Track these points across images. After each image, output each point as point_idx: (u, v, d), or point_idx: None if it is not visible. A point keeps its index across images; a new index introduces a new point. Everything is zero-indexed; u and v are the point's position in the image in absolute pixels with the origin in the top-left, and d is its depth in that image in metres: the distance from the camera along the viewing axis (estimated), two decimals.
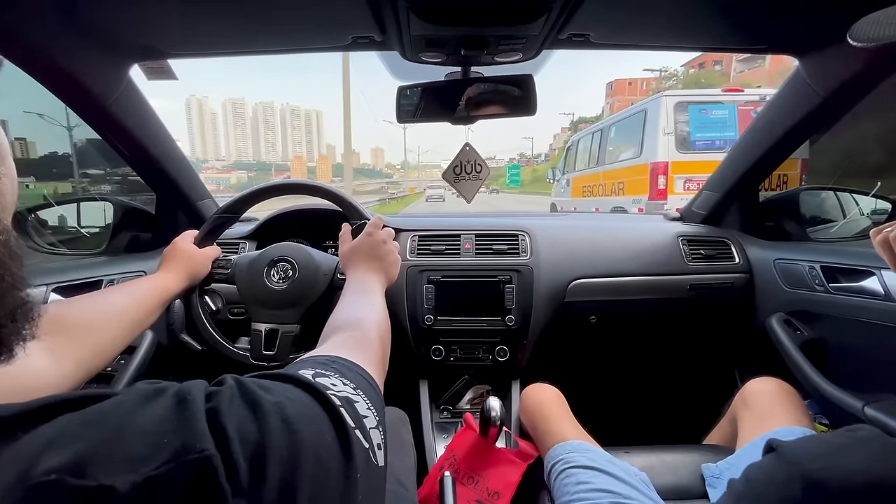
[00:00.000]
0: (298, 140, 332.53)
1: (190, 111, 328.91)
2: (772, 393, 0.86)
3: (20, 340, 0.28)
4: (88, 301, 0.61)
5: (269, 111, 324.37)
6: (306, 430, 0.26)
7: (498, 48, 0.85)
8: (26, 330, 0.28)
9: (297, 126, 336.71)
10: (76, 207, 1.19)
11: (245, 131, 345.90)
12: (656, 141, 4.62)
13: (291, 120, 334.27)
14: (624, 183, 5.37)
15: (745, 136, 1.18)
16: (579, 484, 0.72)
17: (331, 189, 0.93)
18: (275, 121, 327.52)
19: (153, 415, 0.24)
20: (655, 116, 4.66)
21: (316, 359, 0.38)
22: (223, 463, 0.22)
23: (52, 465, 0.20)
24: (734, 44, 0.96)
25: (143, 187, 1.14)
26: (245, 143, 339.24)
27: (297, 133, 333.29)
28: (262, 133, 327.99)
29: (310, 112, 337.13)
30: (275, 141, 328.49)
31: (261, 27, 0.82)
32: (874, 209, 1.29)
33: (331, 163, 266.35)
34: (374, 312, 0.59)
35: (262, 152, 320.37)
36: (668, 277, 1.19)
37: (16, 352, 0.28)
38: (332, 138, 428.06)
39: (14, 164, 0.32)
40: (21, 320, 0.28)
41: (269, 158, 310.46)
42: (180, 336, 1.05)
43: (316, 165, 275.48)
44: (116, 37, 0.81)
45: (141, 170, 1.10)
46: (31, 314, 0.29)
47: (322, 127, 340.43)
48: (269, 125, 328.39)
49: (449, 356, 1.15)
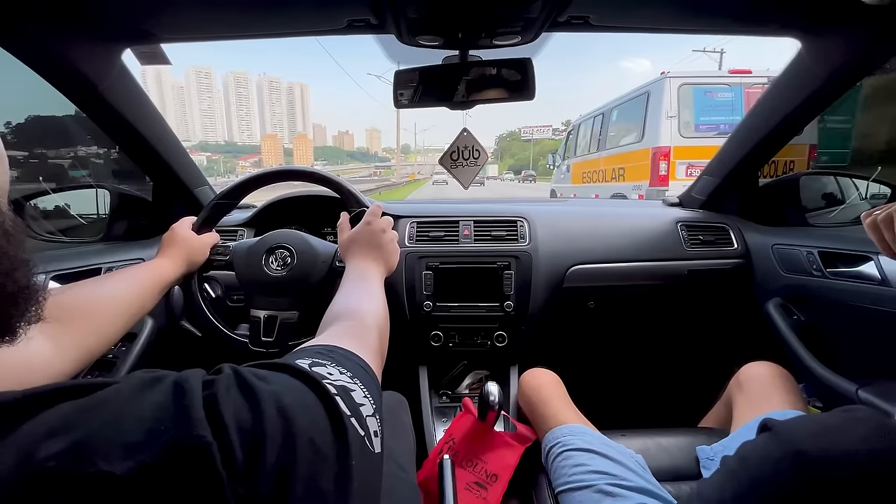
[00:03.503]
0: (279, 118, 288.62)
1: (146, 81, 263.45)
2: (767, 376, 0.87)
3: (24, 322, 0.28)
4: (87, 287, 0.61)
5: (243, 83, 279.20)
6: (301, 419, 0.26)
7: (496, 31, 0.83)
8: (30, 312, 0.29)
9: (277, 101, 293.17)
10: (73, 195, 1.18)
11: (213, 106, 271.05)
12: (659, 125, 4.47)
13: (270, 93, 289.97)
14: (625, 169, 5.24)
15: (746, 120, 1.17)
16: (576, 466, 0.73)
17: (329, 176, 0.93)
18: (249, 94, 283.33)
19: (151, 402, 0.24)
20: (658, 99, 4.50)
21: (313, 348, 0.39)
22: (219, 450, 0.22)
23: (51, 451, 0.20)
24: (737, 26, 0.94)
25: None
26: (213, 121, 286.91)
27: (276, 110, 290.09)
28: (233, 109, 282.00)
29: (293, 85, 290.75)
30: (250, 119, 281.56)
31: (255, 10, 0.80)
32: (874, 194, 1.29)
33: (311, 144, 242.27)
34: (373, 302, 0.59)
35: (235, 132, 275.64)
36: (667, 263, 1.19)
37: (19, 334, 0.28)
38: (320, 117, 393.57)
39: (3, 147, 0.31)
40: (23, 302, 0.28)
41: (244, 139, 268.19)
42: (181, 323, 1.06)
43: (293, 147, 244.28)
44: (108, 21, 0.79)
45: (136, 156, 1.10)
46: (35, 296, 0.29)
47: (308, 103, 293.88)
48: (243, 99, 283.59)
49: (448, 342, 1.15)
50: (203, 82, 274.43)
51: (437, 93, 0.93)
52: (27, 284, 0.28)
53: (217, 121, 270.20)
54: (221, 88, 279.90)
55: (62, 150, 1.96)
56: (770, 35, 0.94)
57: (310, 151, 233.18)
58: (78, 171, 1.84)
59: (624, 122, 5.44)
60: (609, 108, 5.89)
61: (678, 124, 4.42)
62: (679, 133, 4.41)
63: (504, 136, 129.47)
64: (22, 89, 1.31)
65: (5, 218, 0.27)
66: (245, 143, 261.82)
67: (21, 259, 0.27)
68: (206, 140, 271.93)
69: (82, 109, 0.93)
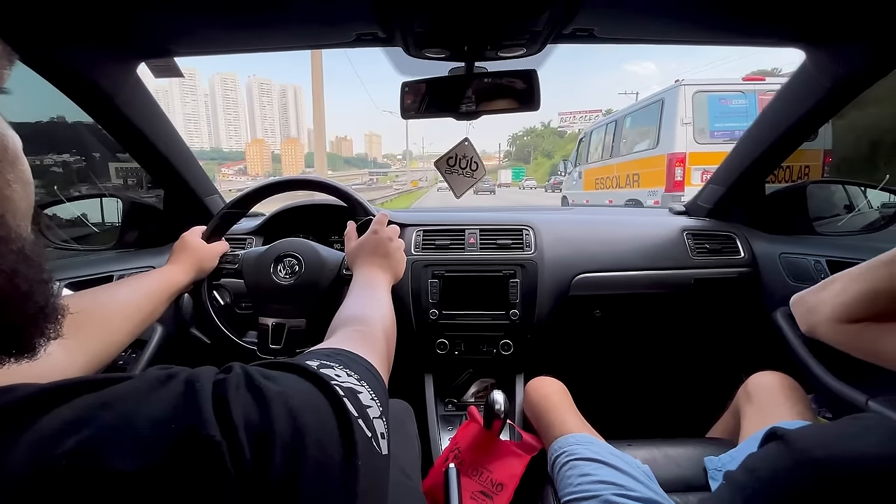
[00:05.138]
0: (270, 123, 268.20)
1: None
2: (775, 387, 0.86)
3: (43, 340, 0.29)
4: (98, 294, 0.63)
5: (231, 85, 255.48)
6: (309, 419, 0.27)
7: (502, 44, 0.84)
8: (49, 331, 0.29)
9: (269, 104, 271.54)
10: (87, 204, 1.21)
11: (197, 110, 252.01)
12: (674, 131, 4.55)
13: (261, 96, 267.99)
14: (639, 175, 5.30)
15: (751, 130, 1.17)
16: (582, 476, 0.73)
17: (337, 185, 0.94)
18: (238, 97, 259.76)
19: (163, 400, 0.24)
20: (673, 106, 4.57)
21: (321, 351, 0.39)
22: (229, 449, 0.23)
23: (65, 448, 0.21)
24: (742, 38, 0.95)
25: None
26: (198, 126, 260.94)
27: (268, 114, 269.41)
28: (220, 113, 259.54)
29: (285, 88, 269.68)
30: (238, 123, 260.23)
31: (265, 26, 0.82)
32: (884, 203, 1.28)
33: (301, 149, 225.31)
34: (380, 309, 0.59)
35: (223, 137, 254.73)
36: (673, 272, 1.19)
37: (38, 351, 0.29)
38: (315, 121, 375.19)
39: (29, 168, 0.31)
40: (42, 322, 0.29)
41: (231, 145, 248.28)
42: (190, 330, 1.07)
43: (281, 153, 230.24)
44: (126, 37, 0.82)
45: (149, 166, 1.12)
46: (55, 315, 0.30)
47: (302, 107, 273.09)
48: (231, 103, 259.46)
49: (454, 350, 1.16)
50: (186, 84, 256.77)
51: (442, 103, 0.94)
52: (45, 304, 0.29)
53: (202, 126, 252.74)
54: (207, 90, 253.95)
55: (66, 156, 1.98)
56: (774, 46, 0.94)
57: (300, 157, 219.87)
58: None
59: (638, 128, 5.50)
60: (622, 115, 5.95)
61: (693, 131, 4.45)
62: (694, 139, 4.45)
63: (520, 135, 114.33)
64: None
65: (25, 242, 0.28)
66: (232, 149, 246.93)
67: (40, 280, 0.28)
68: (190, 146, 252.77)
69: (97, 121, 0.96)
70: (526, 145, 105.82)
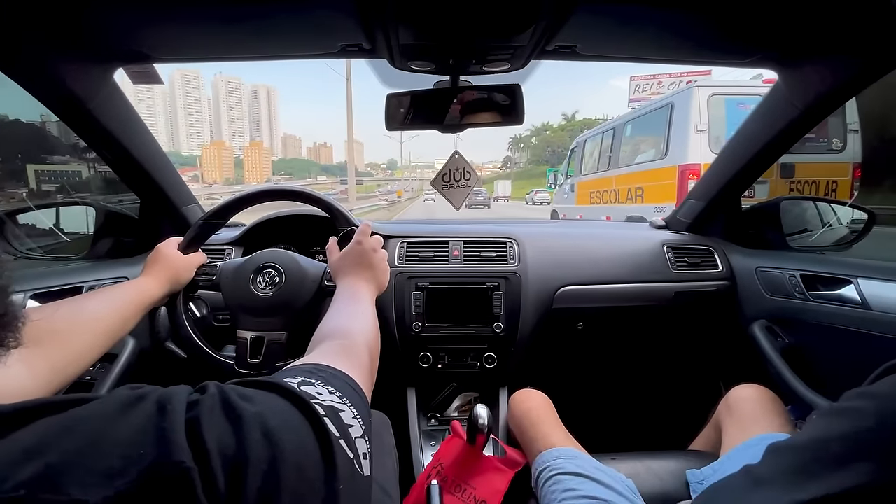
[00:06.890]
0: (239, 125, 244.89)
1: None
2: (755, 399, 0.87)
3: (1, 350, 0.28)
4: (65, 307, 0.60)
5: (193, 82, 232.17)
6: (287, 442, 0.26)
7: (487, 58, 0.86)
8: (7, 339, 0.28)
9: (238, 106, 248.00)
10: (57, 211, 1.17)
11: (153, 109, 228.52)
12: (686, 139, 3.91)
13: (228, 96, 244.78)
14: (643, 188, 4.68)
15: (728, 146, 1.21)
16: (567, 491, 0.72)
17: (318, 195, 0.93)
18: (201, 96, 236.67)
19: (131, 424, 0.23)
20: (685, 111, 3.95)
21: (302, 367, 0.38)
22: (201, 476, 0.22)
23: (24, 477, 0.19)
24: (718, 57, 0.99)
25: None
26: (155, 127, 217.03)
27: (236, 115, 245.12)
28: (181, 113, 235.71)
29: (257, 88, 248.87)
30: (201, 125, 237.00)
31: (249, 34, 0.81)
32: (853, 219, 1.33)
33: (266, 154, 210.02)
34: (363, 321, 0.58)
35: (182, 140, 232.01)
36: (654, 285, 1.21)
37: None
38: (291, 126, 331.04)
39: None
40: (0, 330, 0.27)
41: (192, 149, 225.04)
42: (165, 344, 1.03)
43: (243, 157, 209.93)
44: (103, 41, 0.80)
45: (124, 173, 1.09)
46: (13, 323, 0.28)
47: (275, 110, 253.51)
48: (193, 102, 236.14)
49: (437, 363, 1.14)
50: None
51: (427, 116, 0.94)
52: (3, 312, 0.27)
53: (159, 126, 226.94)
54: (167, 88, 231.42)
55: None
56: (749, 66, 0.98)
57: (263, 162, 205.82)
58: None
59: (641, 136, 4.90)
60: (621, 122, 5.34)
61: (709, 139, 3.84)
62: (710, 149, 3.80)
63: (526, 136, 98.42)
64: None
65: None
66: (193, 152, 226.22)
67: None
68: None
69: (70, 126, 0.93)
70: (549, 142, 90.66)
